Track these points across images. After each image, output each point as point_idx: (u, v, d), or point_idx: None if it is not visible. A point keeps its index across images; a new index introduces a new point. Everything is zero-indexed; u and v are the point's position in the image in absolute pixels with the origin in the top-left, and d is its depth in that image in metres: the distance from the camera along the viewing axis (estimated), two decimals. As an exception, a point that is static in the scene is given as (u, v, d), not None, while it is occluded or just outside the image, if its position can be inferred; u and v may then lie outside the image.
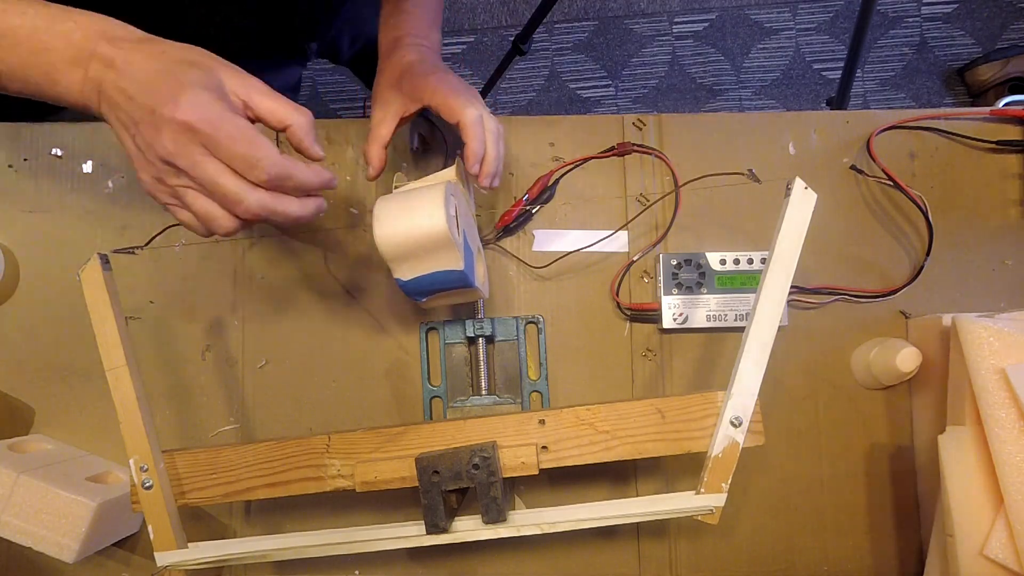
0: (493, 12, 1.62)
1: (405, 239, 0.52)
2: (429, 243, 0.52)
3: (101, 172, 0.69)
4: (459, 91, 0.56)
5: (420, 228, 0.52)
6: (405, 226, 0.52)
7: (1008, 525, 0.54)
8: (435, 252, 0.53)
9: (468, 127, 0.55)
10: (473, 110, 0.55)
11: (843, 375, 0.68)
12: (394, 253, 0.53)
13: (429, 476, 0.53)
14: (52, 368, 0.66)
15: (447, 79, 0.57)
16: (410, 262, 0.54)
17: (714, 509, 0.53)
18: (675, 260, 0.66)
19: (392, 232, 0.52)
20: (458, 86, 0.57)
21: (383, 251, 0.53)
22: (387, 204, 0.53)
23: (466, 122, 0.55)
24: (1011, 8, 1.60)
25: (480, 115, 0.56)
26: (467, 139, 0.55)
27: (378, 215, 0.53)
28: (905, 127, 0.71)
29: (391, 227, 0.52)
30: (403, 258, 0.54)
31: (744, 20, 1.60)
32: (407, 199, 0.53)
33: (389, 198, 0.54)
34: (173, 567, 0.54)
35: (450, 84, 0.56)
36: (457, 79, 0.58)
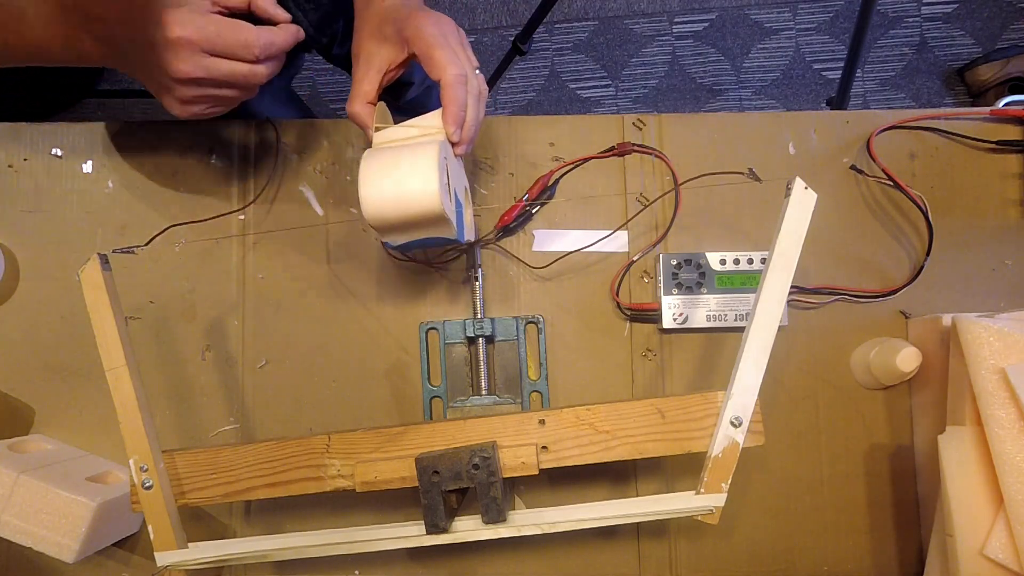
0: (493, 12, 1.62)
1: (394, 213, 0.49)
2: (421, 218, 0.50)
3: (101, 172, 0.69)
4: (443, 42, 0.51)
5: (411, 203, 0.48)
6: (394, 199, 0.49)
7: (1008, 525, 0.54)
8: (427, 225, 0.51)
9: (449, 87, 0.51)
10: (455, 68, 0.51)
11: (843, 375, 0.68)
12: (381, 225, 0.50)
13: (429, 476, 0.53)
14: (52, 368, 0.66)
15: (433, 23, 0.52)
16: (399, 232, 0.52)
17: (714, 509, 0.53)
18: (675, 260, 0.66)
19: (379, 204, 0.49)
20: (443, 34, 0.52)
21: (370, 222, 0.50)
22: (372, 166, 0.49)
23: (447, 81, 0.51)
24: (1011, 8, 1.59)
25: (464, 74, 0.51)
26: (446, 101, 0.51)
27: (363, 181, 0.49)
28: (905, 127, 0.71)
29: (378, 198, 0.49)
30: (391, 229, 0.51)
31: (744, 20, 1.60)
32: (395, 164, 0.49)
33: (374, 158, 0.50)
34: (173, 567, 0.54)
35: (435, 30, 0.51)
36: (444, 24, 0.53)
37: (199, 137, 0.69)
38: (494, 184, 0.69)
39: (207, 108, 0.53)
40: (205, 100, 0.52)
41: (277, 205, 0.69)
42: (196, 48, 0.48)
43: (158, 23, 0.47)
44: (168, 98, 0.51)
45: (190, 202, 0.69)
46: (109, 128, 0.69)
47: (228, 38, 0.49)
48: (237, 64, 0.50)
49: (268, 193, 0.69)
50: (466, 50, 0.54)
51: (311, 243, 0.68)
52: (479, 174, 0.69)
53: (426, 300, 0.68)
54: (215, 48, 0.48)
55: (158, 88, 0.51)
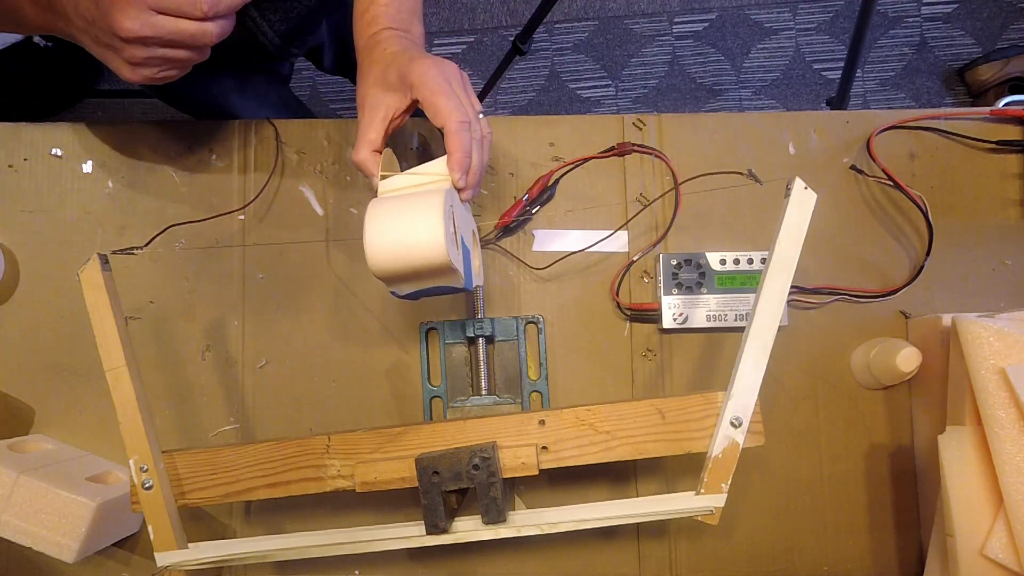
0: (493, 12, 1.62)
1: (399, 263, 0.48)
2: (426, 268, 0.49)
3: (101, 172, 0.69)
4: (447, 89, 0.51)
5: (417, 254, 0.48)
6: (399, 249, 0.48)
7: (1008, 525, 0.54)
8: (432, 275, 0.50)
9: (453, 134, 0.51)
10: (459, 115, 0.51)
11: (843, 375, 0.68)
12: (387, 275, 0.50)
13: (429, 476, 0.53)
14: (52, 368, 0.66)
15: (435, 69, 0.52)
16: (407, 282, 0.51)
17: (714, 509, 0.53)
18: (675, 260, 0.66)
19: (384, 254, 0.48)
20: (446, 80, 0.52)
21: (375, 272, 0.49)
22: (377, 216, 0.49)
23: (451, 128, 0.51)
24: (1011, 8, 1.59)
25: (467, 120, 0.52)
26: (451, 148, 0.51)
27: (369, 230, 0.49)
28: (905, 127, 0.71)
29: (383, 248, 0.48)
30: (397, 279, 0.51)
31: (744, 20, 1.60)
32: (400, 213, 0.48)
33: (380, 206, 0.50)
34: (173, 567, 0.54)
35: (438, 77, 0.52)
36: (447, 70, 0.53)
37: (199, 137, 0.69)
38: (494, 184, 0.69)
39: (158, 71, 0.51)
40: (155, 62, 0.50)
41: (277, 205, 0.69)
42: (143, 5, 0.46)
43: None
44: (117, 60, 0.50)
45: (190, 202, 0.69)
46: (109, 128, 0.69)
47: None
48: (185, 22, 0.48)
49: (268, 193, 0.69)
50: (469, 95, 0.54)
51: (311, 243, 0.68)
52: (479, 174, 0.69)
53: (426, 300, 0.68)
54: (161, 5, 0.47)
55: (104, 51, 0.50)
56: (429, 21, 1.60)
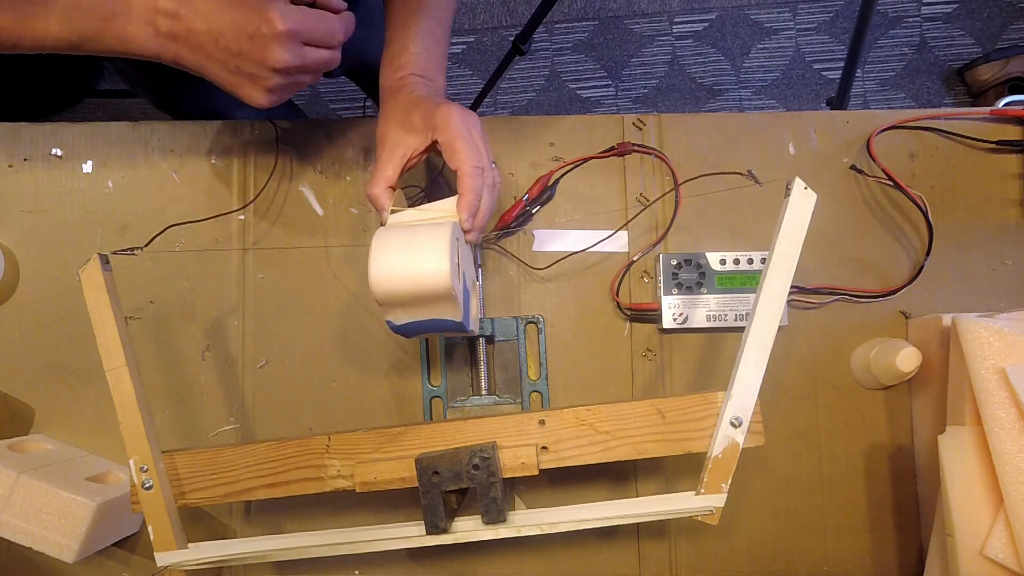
0: (493, 12, 1.62)
1: (402, 287, 0.50)
2: (429, 294, 0.50)
3: (101, 172, 0.69)
4: (466, 135, 0.54)
5: (421, 279, 0.49)
6: (403, 273, 0.49)
7: (1008, 525, 0.54)
8: (434, 303, 0.51)
9: (467, 177, 0.54)
10: (475, 160, 0.54)
11: (843, 375, 0.68)
12: (388, 299, 0.51)
13: (429, 476, 0.53)
14: (52, 368, 0.66)
15: (459, 116, 0.55)
16: (405, 308, 0.52)
17: (714, 509, 0.53)
18: (675, 260, 0.66)
19: (388, 277, 0.49)
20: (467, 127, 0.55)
21: (376, 295, 0.50)
22: (385, 242, 0.50)
23: (466, 171, 0.54)
24: (1011, 8, 1.59)
25: (481, 167, 0.54)
26: (463, 190, 0.54)
27: (375, 254, 0.50)
28: (905, 127, 0.71)
29: (387, 272, 0.49)
30: (398, 305, 0.51)
31: (744, 20, 1.60)
32: (407, 241, 0.50)
33: (388, 234, 0.51)
34: (173, 567, 0.54)
35: (460, 124, 0.55)
36: (469, 118, 0.56)
37: (199, 137, 0.69)
38: (494, 184, 0.69)
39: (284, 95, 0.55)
40: (289, 88, 0.54)
41: (277, 205, 0.69)
42: (298, 39, 0.51)
43: (263, 18, 0.50)
44: (252, 87, 0.53)
45: (190, 202, 0.69)
46: (109, 128, 0.69)
47: (321, 27, 0.52)
48: (324, 51, 0.53)
49: (268, 193, 0.69)
50: (485, 144, 0.57)
51: (311, 243, 0.68)
52: (479, 174, 0.69)
53: (426, 300, 0.68)
54: (311, 38, 0.52)
55: (241, 79, 0.53)
56: (429, 21, 1.60)
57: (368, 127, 0.70)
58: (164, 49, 0.52)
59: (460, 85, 1.59)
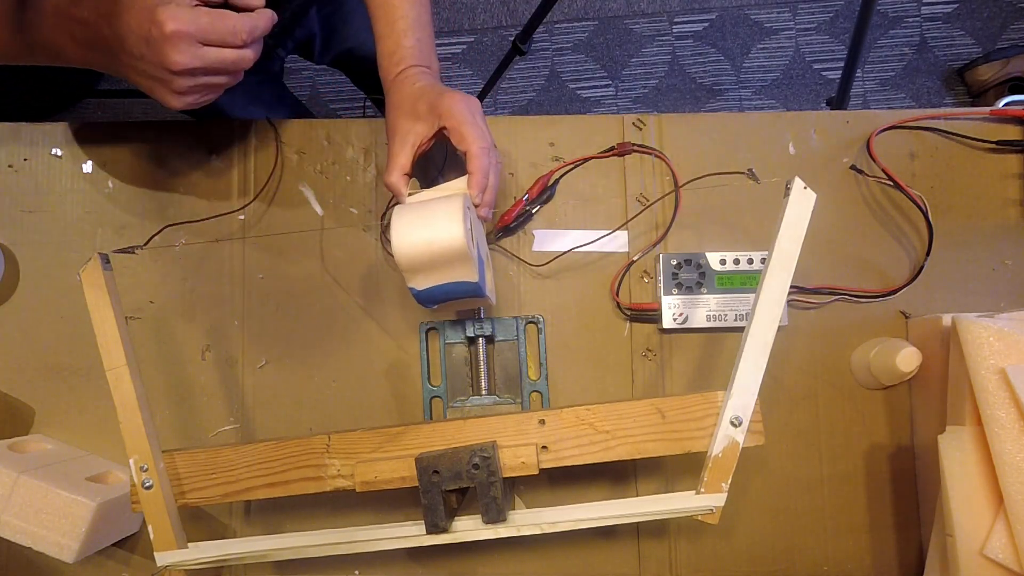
0: (493, 12, 1.62)
1: (423, 251, 0.53)
2: (446, 256, 0.53)
3: (101, 172, 0.69)
4: (472, 119, 0.58)
5: (438, 241, 0.53)
6: (423, 238, 0.53)
7: (1008, 525, 0.54)
8: (451, 264, 0.54)
9: (475, 157, 0.57)
10: (482, 142, 0.57)
11: (843, 375, 0.68)
12: (411, 264, 0.54)
13: (429, 476, 0.53)
14: (52, 368, 0.66)
15: (463, 102, 0.58)
16: (426, 273, 0.55)
17: (714, 509, 0.53)
18: (675, 260, 0.66)
19: (410, 244, 0.53)
20: (471, 112, 0.58)
21: (400, 261, 0.54)
22: (404, 215, 0.54)
23: (474, 151, 0.57)
24: (1011, 8, 1.59)
25: (488, 147, 0.57)
26: (472, 169, 0.57)
27: (395, 226, 0.53)
28: (905, 127, 0.71)
29: (409, 239, 0.53)
30: (419, 269, 0.54)
31: (744, 20, 1.60)
32: (424, 210, 0.54)
33: (405, 208, 0.55)
34: (173, 567, 0.54)
35: (465, 110, 0.58)
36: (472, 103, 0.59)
37: (199, 137, 0.69)
38: (494, 184, 0.69)
39: (201, 96, 0.55)
40: (199, 89, 0.54)
41: (277, 205, 0.69)
42: (192, 40, 0.50)
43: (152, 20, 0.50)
44: (163, 91, 0.53)
45: (190, 202, 0.69)
46: (109, 128, 0.69)
47: (219, 27, 0.52)
48: (227, 51, 0.53)
49: (268, 193, 0.69)
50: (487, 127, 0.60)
51: (311, 243, 0.68)
52: (479, 174, 0.69)
53: (426, 300, 0.68)
54: (208, 38, 0.51)
55: (151, 83, 0.53)
56: (429, 21, 1.60)
57: (368, 127, 0.70)
58: (86, 57, 0.54)
59: (460, 85, 1.59)
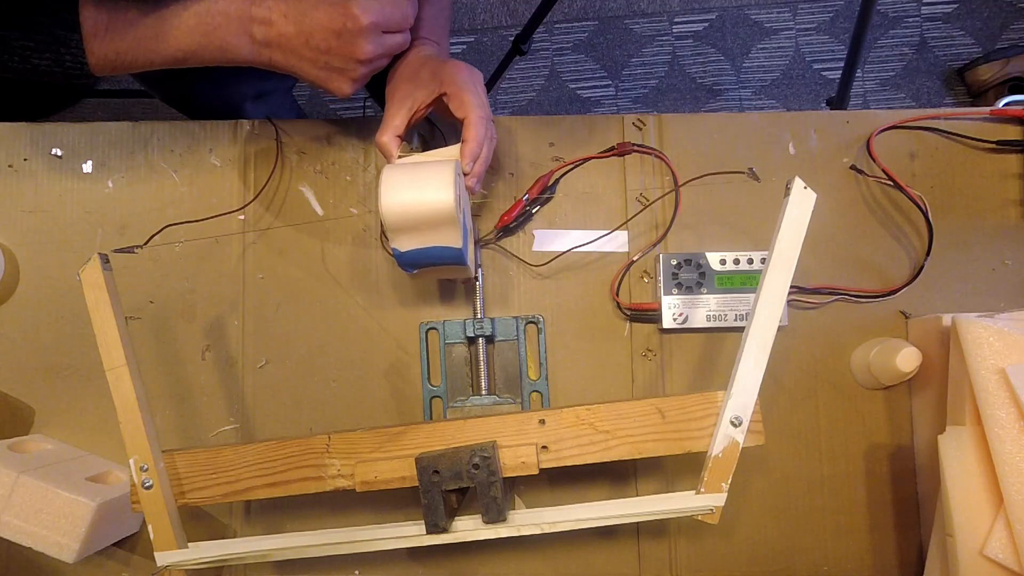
0: (493, 12, 1.62)
1: (411, 211, 0.53)
2: (433, 218, 0.53)
3: (101, 172, 0.69)
4: (473, 88, 0.58)
5: (427, 203, 0.53)
6: (412, 198, 0.53)
7: (1008, 525, 0.54)
8: (437, 227, 0.54)
9: (472, 125, 0.56)
10: (481, 111, 0.57)
11: (843, 375, 0.68)
12: (397, 224, 0.54)
13: (429, 476, 0.53)
14: (52, 368, 0.66)
15: (466, 71, 0.59)
16: (411, 234, 0.55)
17: (714, 509, 0.53)
18: (675, 260, 0.66)
19: (399, 203, 0.53)
20: (473, 81, 0.58)
21: (386, 220, 0.54)
22: (395, 174, 0.54)
23: (472, 119, 0.56)
24: (1011, 8, 1.59)
25: (486, 117, 0.57)
26: (468, 136, 0.57)
27: (386, 184, 0.53)
28: (905, 127, 0.71)
29: (398, 198, 0.53)
30: (405, 230, 0.54)
31: (744, 20, 1.60)
32: (415, 171, 0.54)
33: (396, 168, 0.55)
34: (173, 567, 0.54)
35: (467, 78, 0.58)
36: (474, 73, 0.60)
37: (199, 137, 0.69)
38: (494, 184, 0.69)
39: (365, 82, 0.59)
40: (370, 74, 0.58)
41: (277, 205, 0.69)
42: (379, 29, 0.54)
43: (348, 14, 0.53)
44: (341, 80, 0.57)
45: (190, 202, 0.69)
46: (109, 128, 0.69)
47: (397, 14, 0.55)
48: (399, 36, 0.57)
49: (268, 193, 0.69)
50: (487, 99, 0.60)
51: (311, 243, 0.68)
52: (479, 174, 0.69)
53: (426, 300, 0.68)
54: (390, 25, 0.55)
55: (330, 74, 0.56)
56: (429, 21, 1.60)
57: (368, 127, 0.70)
58: (259, 55, 0.56)
59: (460, 85, 1.59)
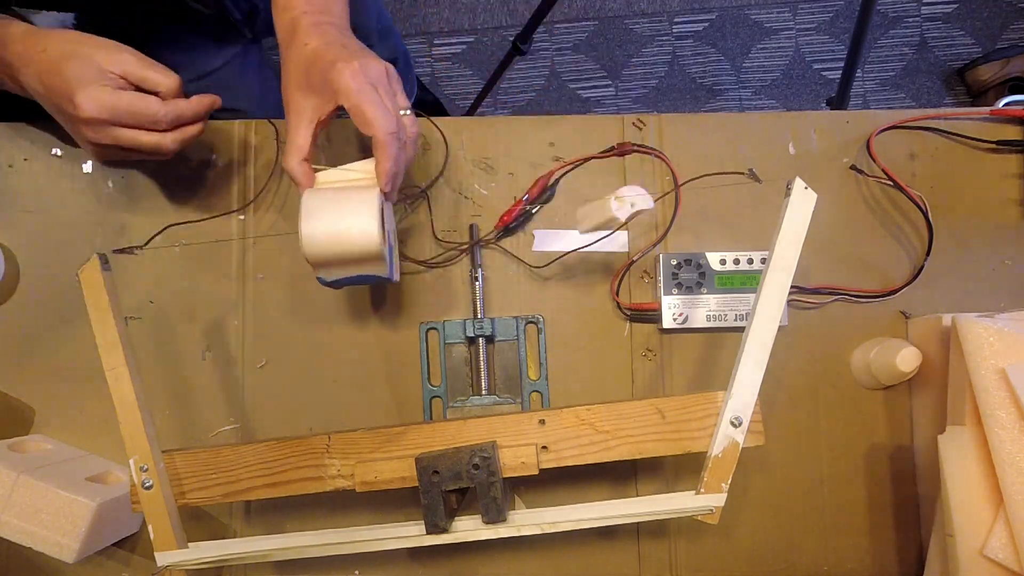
0: (493, 12, 1.62)
1: (335, 252, 0.51)
2: (359, 256, 0.52)
3: (101, 172, 0.69)
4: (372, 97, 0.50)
5: (352, 244, 0.51)
6: (335, 240, 0.51)
7: (1008, 525, 0.54)
8: (364, 263, 0.53)
9: (381, 146, 0.50)
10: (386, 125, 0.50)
11: (843, 375, 0.68)
12: (320, 262, 0.53)
13: (429, 476, 0.53)
14: (52, 368, 0.66)
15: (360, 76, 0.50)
16: (336, 268, 0.53)
17: (714, 509, 0.53)
18: (675, 260, 0.66)
19: (321, 244, 0.51)
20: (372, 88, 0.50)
21: (309, 258, 0.52)
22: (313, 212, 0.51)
23: (379, 139, 0.50)
24: (1011, 8, 1.59)
25: (395, 132, 0.50)
26: (379, 158, 0.51)
27: (305, 223, 0.50)
28: (905, 127, 0.71)
29: (319, 240, 0.51)
30: (329, 265, 0.53)
31: (744, 20, 1.60)
32: (336, 208, 0.51)
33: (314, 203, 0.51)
34: (173, 567, 0.54)
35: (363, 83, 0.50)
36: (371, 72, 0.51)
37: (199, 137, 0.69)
38: (494, 184, 0.69)
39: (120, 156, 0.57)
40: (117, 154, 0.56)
41: (277, 205, 0.69)
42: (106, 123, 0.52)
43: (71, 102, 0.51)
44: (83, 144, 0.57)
45: (190, 202, 0.69)
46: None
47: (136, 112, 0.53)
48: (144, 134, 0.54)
49: (268, 193, 0.69)
50: (395, 94, 0.52)
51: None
52: (478, 174, 0.69)
53: (426, 300, 0.68)
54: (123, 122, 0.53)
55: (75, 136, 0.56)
56: (429, 21, 1.60)
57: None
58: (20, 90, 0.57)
59: (460, 85, 1.59)
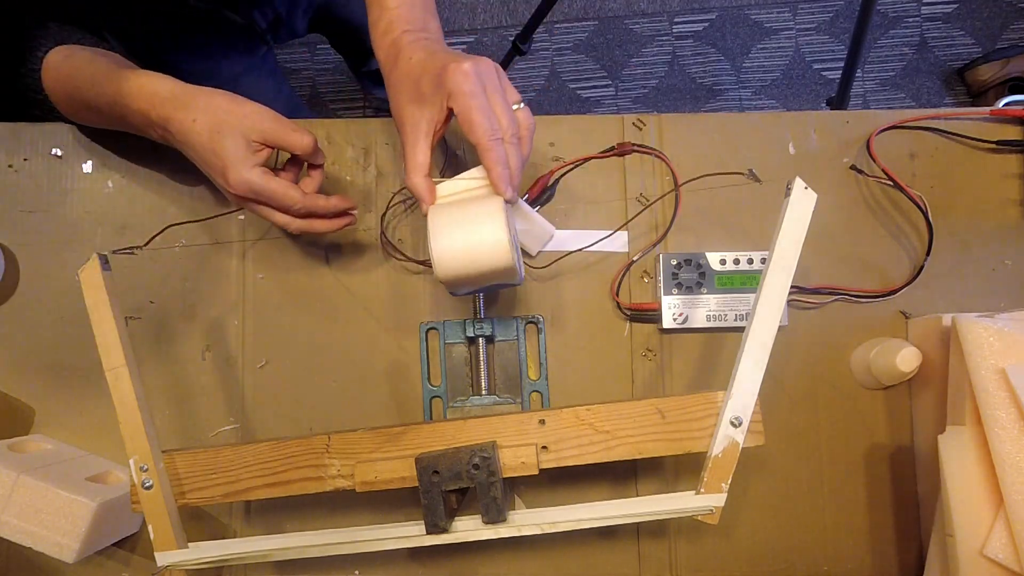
0: (493, 12, 1.62)
1: (468, 272, 0.52)
2: (492, 271, 0.52)
3: (101, 172, 0.69)
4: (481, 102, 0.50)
5: (485, 263, 0.51)
6: (468, 260, 0.51)
7: (1008, 525, 0.54)
8: (496, 276, 0.53)
9: (485, 152, 0.50)
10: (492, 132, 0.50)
11: (843, 375, 0.68)
12: (454, 283, 0.53)
13: (429, 476, 0.53)
14: (52, 368, 0.66)
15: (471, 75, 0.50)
16: (468, 284, 0.54)
17: (714, 509, 0.53)
18: (675, 260, 0.66)
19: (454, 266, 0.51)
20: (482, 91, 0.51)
21: (444, 282, 0.53)
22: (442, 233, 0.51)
23: (483, 145, 0.50)
24: (1011, 8, 1.59)
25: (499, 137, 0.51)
26: (487, 164, 0.51)
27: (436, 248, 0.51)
28: (905, 127, 0.71)
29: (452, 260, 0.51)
30: (462, 284, 0.54)
31: (744, 20, 1.60)
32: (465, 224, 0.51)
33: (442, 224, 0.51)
34: (173, 567, 0.54)
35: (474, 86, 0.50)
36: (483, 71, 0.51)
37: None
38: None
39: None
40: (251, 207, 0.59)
41: (277, 205, 0.69)
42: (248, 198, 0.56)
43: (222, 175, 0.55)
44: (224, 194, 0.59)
45: (190, 202, 0.69)
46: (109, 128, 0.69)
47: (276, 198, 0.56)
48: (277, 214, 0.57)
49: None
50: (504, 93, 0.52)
51: (311, 242, 0.68)
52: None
53: (426, 300, 0.68)
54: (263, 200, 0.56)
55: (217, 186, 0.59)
56: (429, 21, 1.60)
57: (368, 127, 0.70)
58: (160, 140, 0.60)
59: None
